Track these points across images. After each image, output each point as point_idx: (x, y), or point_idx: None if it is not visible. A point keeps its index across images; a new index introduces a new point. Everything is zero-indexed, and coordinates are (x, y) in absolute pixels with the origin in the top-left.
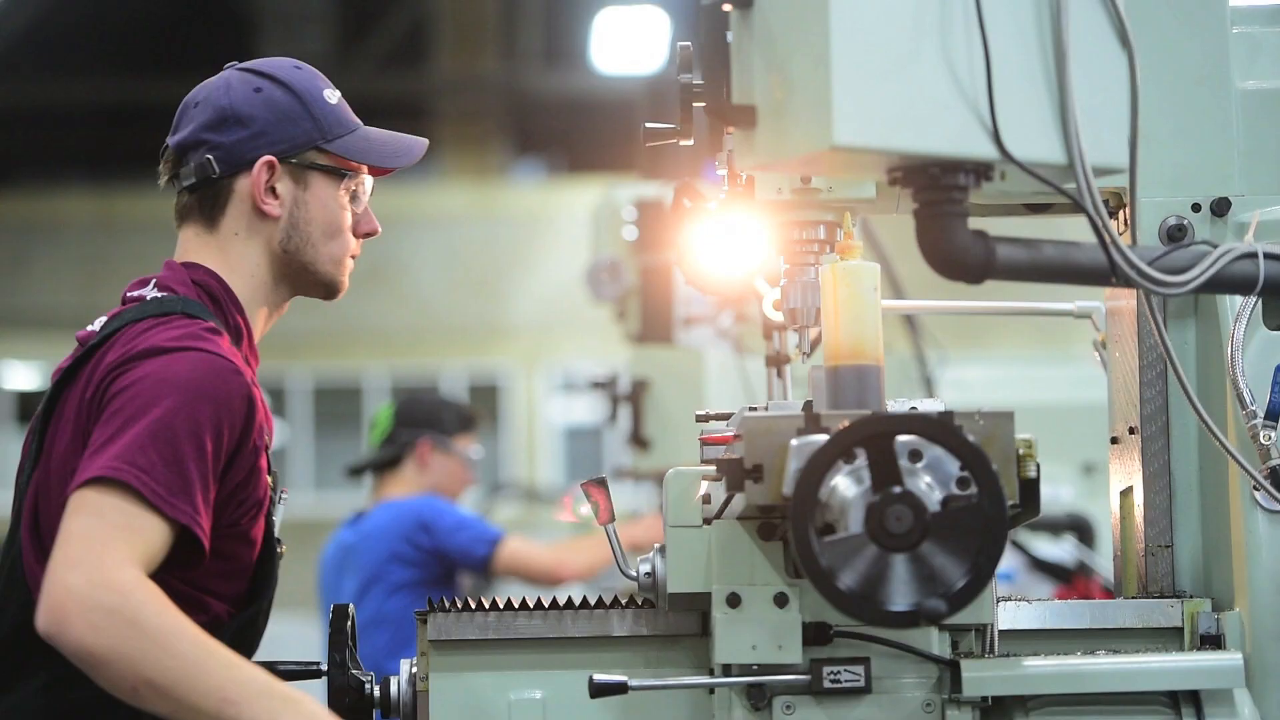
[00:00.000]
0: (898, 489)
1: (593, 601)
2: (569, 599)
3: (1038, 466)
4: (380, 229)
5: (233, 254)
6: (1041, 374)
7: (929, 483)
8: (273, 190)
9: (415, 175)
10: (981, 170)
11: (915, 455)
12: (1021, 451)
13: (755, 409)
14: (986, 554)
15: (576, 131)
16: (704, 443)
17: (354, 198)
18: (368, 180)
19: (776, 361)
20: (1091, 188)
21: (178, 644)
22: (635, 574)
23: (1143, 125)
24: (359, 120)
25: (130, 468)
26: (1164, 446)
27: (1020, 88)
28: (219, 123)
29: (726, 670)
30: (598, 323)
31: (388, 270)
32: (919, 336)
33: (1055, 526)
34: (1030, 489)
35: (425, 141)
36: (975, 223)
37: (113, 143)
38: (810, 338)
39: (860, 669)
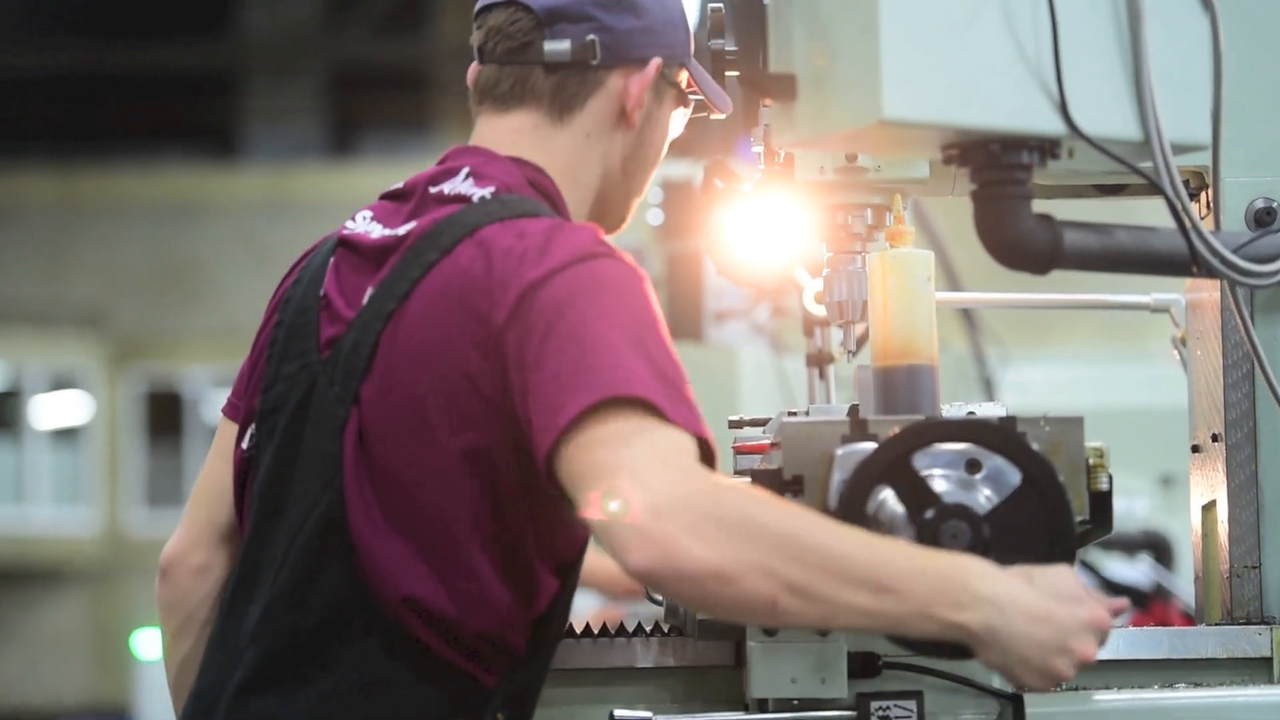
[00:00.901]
0: (953, 501)
1: (613, 629)
2: (587, 626)
3: (1110, 478)
4: None
5: (575, 158)
6: (1114, 375)
7: (989, 495)
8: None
9: (412, 152)
10: (1047, 147)
11: (973, 465)
12: (1092, 461)
13: (795, 414)
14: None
15: None
16: (737, 451)
17: None
18: (683, 122)
19: (818, 361)
20: (1170, 166)
21: (804, 534)
22: (660, 598)
23: (1227, 96)
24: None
25: (637, 381)
26: (1251, 455)
27: (1090, 55)
28: (614, 2)
29: (763, 706)
30: None
31: None
32: (977, 333)
33: (1129, 545)
34: (1102, 503)
35: (728, 107)
36: (1040, 206)
37: (77, 116)
38: (856, 334)
39: (912, 704)
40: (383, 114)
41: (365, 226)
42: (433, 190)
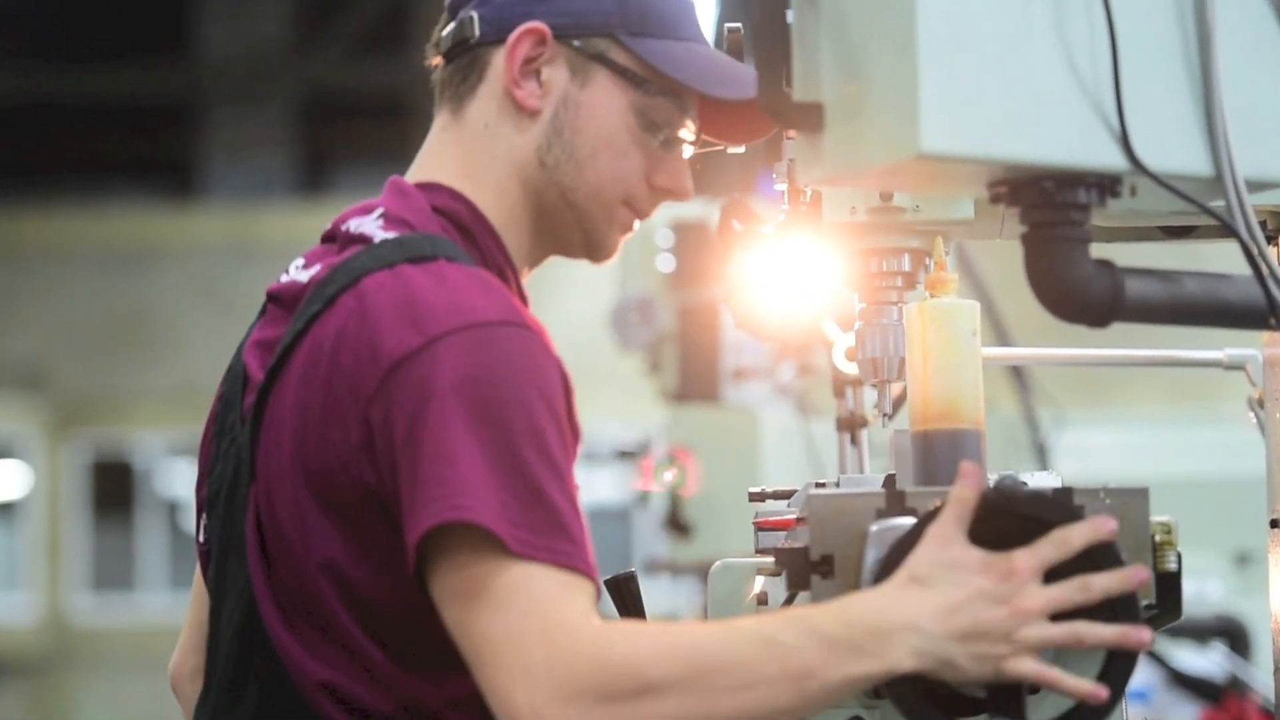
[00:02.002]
0: None
1: None
2: None
3: (1179, 557)
4: (692, 194)
5: (477, 154)
6: (1182, 439)
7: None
8: (537, 75)
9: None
10: (1107, 184)
11: None
12: (1159, 538)
13: (823, 485)
14: (1116, 667)
15: None
16: (759, 528)
17: (666, 141)
18: (683, 115)
19: (850, 425)
20: (1245, 205)
21: (705, 665)
22: None
23: None
24: (697, 32)
25: (482, 506)
26: None
27: (1155, 80)
28: None
29: None
30: (624, 376)
31: None
32: (1029, 393)
33: (1201, 632)
34: (1170, 585)
35: (752, 87)
36: (1099, 250)
37: (13, 150)
38: (892, 395)
39: None
40: (360, 146)
41: (293, 275)
42: (343, 228)
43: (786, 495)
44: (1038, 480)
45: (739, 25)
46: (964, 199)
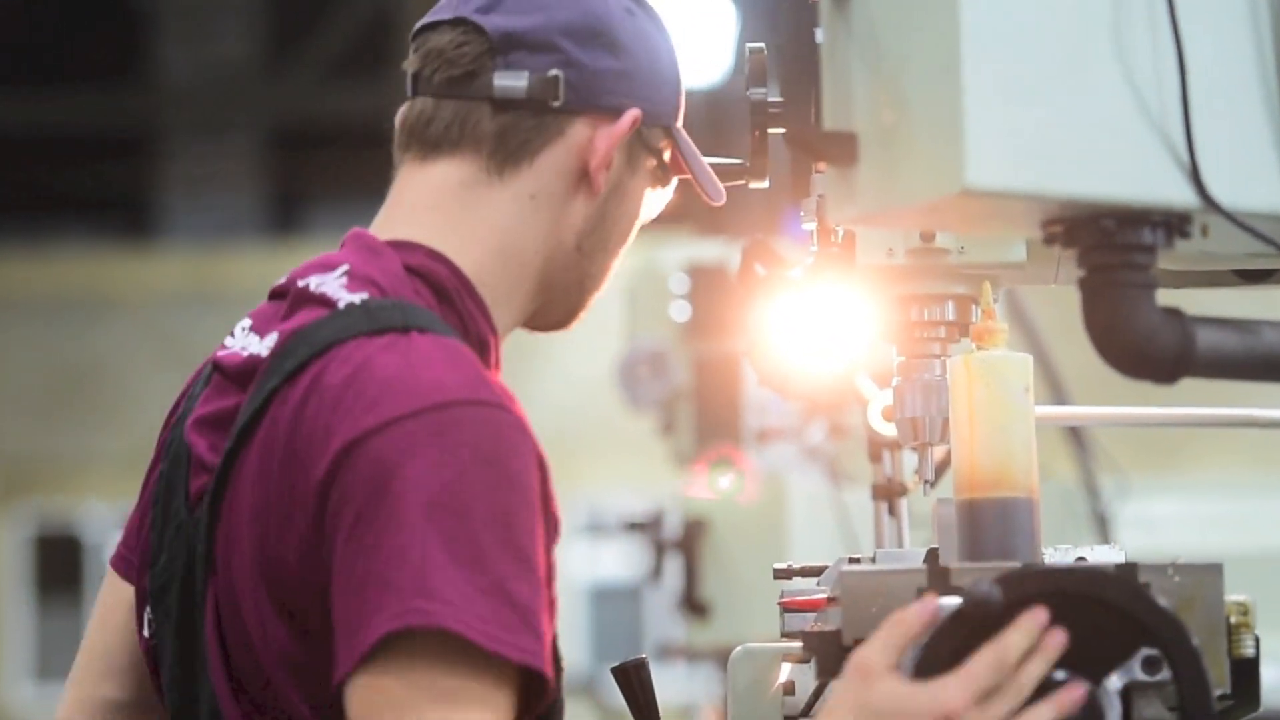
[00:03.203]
0: (1058, 675)
1: None
2: None
3: (1256, 640)
4: None
5: (514, 226)
6: (1260, 509)
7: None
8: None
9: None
10: (1174, 223)
11: None
12: (1234, 619)
13: (857, 560)
14: None
15: None
16: (785, 608)
17: None
18: (657, 208)
19: (887, 493)
20: None
21: None
22: None
23: None
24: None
25: (442, 605)
26: None
27: (1228, 107)
28: (587, 34)
29: None
30: (634, 438)
31: None
32: (1089, 457)
33: None
34: (1246, 672)
35: (723, 195)
36: (1166, 297)
37: None
38: (935, 460)
39: None
40: (336, 181)
41: (241, 341)
42: (302, 285)
43: (816, 572)
44: (1098, 555)
45: (762, 45)
46: (1015, 240)
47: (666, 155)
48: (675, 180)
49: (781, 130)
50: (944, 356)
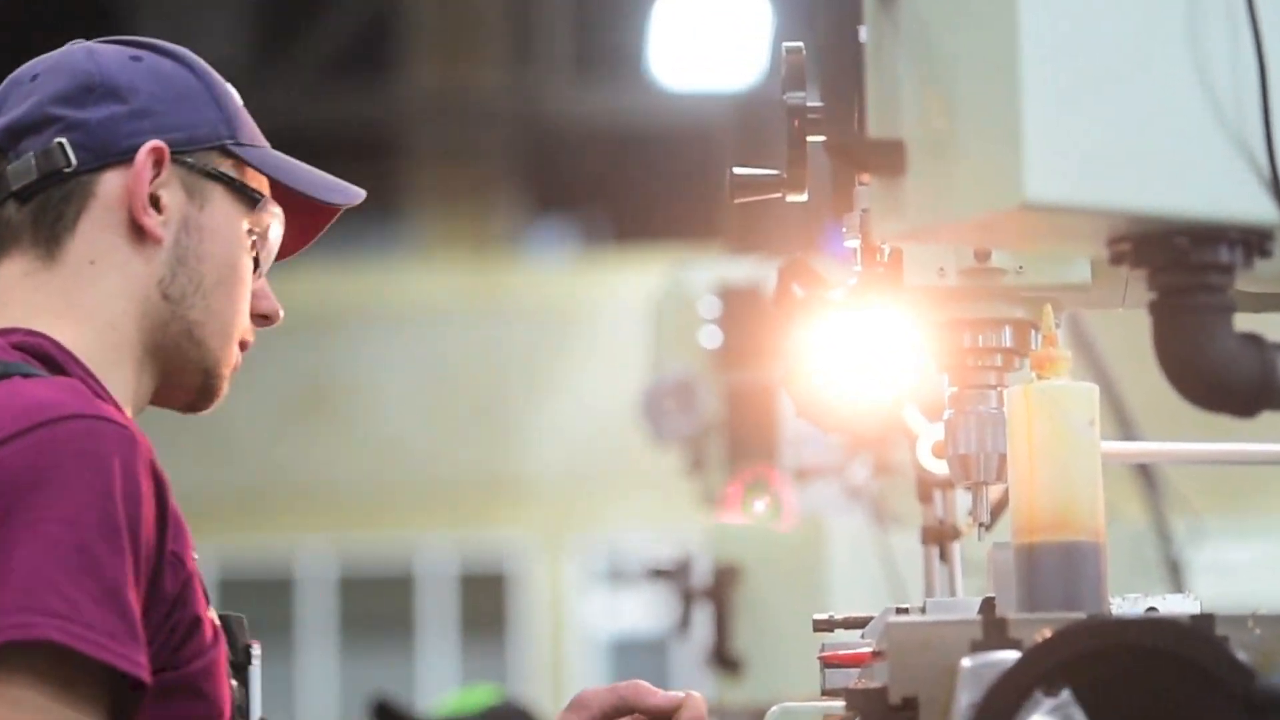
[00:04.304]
0: None
1: None
2: None
3: None
4: (283, 314)
5: (81, 298)
6: None
7: None
8: (155, 200)
9: (372, 243)
10: (1254, 241)
11: None
12: None
13: (905, 610)
14: None
15: (625, 180)
16: (825, 663)
17: (255, 260)
18: (275, 232)
19: (938, 537)
20: None
21: None
22: None
23: None
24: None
25: (44, 616)
26: None
27: None
28: (81, 93)
29: None
30: (659, 477)
31: (332, 395)
32: (1160, 497)
33: None
34: None
35: (362, 192)
36: (1245, 321)
37: None
38: (991, 500)
39: None
40: None
41: None
42: None
43: (860, 624)
44: (1170, 605)
45: (800, 45)
46: (1078, 259)
47: (241, 175)
48: (268, 197)
49: (822, 138)
50: (1000, 387)
